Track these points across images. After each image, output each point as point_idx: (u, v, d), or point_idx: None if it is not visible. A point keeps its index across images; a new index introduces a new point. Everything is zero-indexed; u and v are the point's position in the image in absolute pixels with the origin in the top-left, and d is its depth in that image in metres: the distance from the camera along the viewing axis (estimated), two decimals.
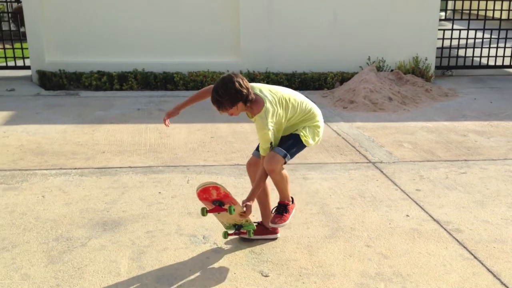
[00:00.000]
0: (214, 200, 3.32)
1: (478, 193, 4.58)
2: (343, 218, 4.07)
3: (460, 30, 10.00)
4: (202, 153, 5.56)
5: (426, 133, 6.37)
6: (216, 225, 3.82)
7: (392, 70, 8.87)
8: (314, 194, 4.51)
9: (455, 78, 9.66)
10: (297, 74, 8.79)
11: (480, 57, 10.18)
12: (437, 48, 9.35)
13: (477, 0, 10.17)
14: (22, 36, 9.52)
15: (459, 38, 9.88)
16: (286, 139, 3.45)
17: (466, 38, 9.86)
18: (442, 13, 12.06)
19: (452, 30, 9.87)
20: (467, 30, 9.93)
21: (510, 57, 9.99)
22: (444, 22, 12.44)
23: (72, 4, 8.73)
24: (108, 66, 8.74)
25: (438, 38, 9.33)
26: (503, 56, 10.03)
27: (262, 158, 3.42)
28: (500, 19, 10.08)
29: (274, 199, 3.72)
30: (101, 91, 8.46)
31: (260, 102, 3.27)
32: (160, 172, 4.99)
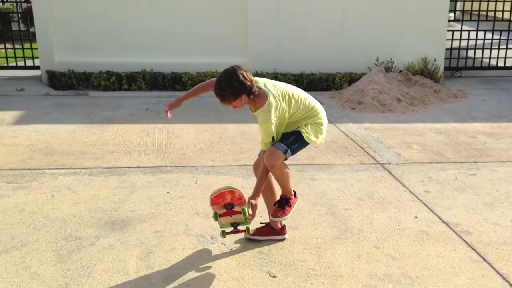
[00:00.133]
0: (226, 204, 3.31)
1: (487, 195, 4.56)
2: (351, 219, 4.06)
3: (469, 31, 9.94)
4: (210, 153, 5.57)
5: (435, 134, 6.35)
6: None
7: (400, 71, 8.84)
8: (322, 195, 4.50)
9: (464, 79, 9.61)
10: (305, 75, 8.78)
11: (489, 58, 10.12)
12: (446, 49, 9.31)
13: (486, 1, 10.12)
14: (31, 36, 9.58)
15: (468, 39, 9.82)
16: (287, 136, 3.43)
17: (475, 39, 9.80)
18: (451, 14, 12.01)
19: (461, 31, 9.81)
20: (476, 31, 9.88)
21: None
22: (453, 23, 12.37)
23: (81, 4, 8.78)
24: (116, 66, 8.79)
25: (447, 39, 9.29)
26: None
27: (263, 154, 3.41)
28: (509, 20, 10.01)
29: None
30: (109, 91, 8.50)
31: (263, 95, 3.25)
32: (168, 172, 5.01)
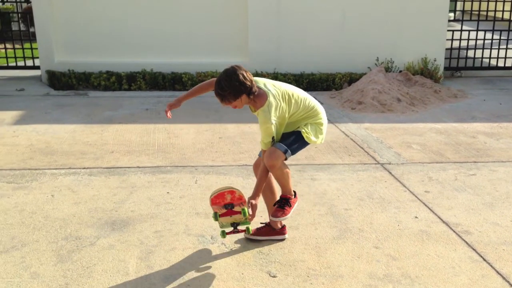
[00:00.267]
0: (226, 204, 3.31)
1: (487, 195, 4.56)
2: (351, 219, 4.06)
3: (469, 31, 9.94)
4: (210, 153, 5.57)
5: (435, 134, 6.35)
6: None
7: (400, 71, 8.85)
8: (322, 195, 4.50)
9: (464, 79, 9.62)
10: (305, 75, 8.78)
11: (489, 58, 10.12)
12: (446, 49, 9.31)
13: (486, 1, 10.12)
14: (31, 36, 9.59)
15: (468, 39, 9.82)
16: (287, 136, 3.43)
17: (475, 39, 9.80)
18: (451, 14, 12.00)
19: (461, 31, 9.81)
20: (476, 31, 9.88)
21: None
22: (453, 23, 12.38)
23: (81, 4, 8.79)
24: (116, 66, 8.79)
25: (447, 39, 9.30)
26: None
27: (263, 154, 3.41)
28: (509, 20, 10.02)
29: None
30: (109, 91, 8.50)
31: (263, 95, 3.25)
32: (168, 172, 5.01)
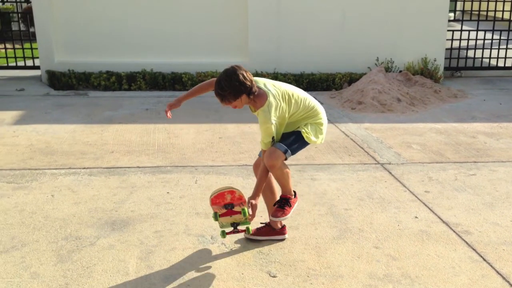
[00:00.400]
0: (226, 204, 3.31)
1: (487, 195, 4.56)
2: (351, 219, 4.06)
3: (469, 31, 9.94)
4: (210, 153, 5.57)
5: (435, 134, 6.35)
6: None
7: (400, 71, 8.85)
8: (322, 195, 4.50)
9: (464, 79, 9.62)
10: (305, 75, 8.78)
11: (489, 58, 10.12)
12: (446, 49, 9.31)
13: (486, 1, 10.12)
14: (31, 36, 9.58)
15: (468, 39, 9.82)
16: (287, 136, 3.43)
17: (475, 39, 9.80)
18: (451, 14, 12.00)
19: (461, 31, 9.81)
20: (476, 31, 9.88)
21: None
22: (453, 23, 12.38)
23: (81, 4, 8.79)
24: (116, 66, 8.79)
25: (447, 39, 9.29)
26: None
27: (263, 154, 3.41)
28: (509, 20, 10.02)
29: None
30: (109, 91, 8.50)
31: (263, 95, 3.25)
32: (168, 172, 5.01)
